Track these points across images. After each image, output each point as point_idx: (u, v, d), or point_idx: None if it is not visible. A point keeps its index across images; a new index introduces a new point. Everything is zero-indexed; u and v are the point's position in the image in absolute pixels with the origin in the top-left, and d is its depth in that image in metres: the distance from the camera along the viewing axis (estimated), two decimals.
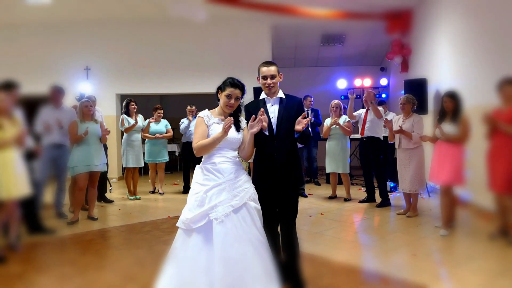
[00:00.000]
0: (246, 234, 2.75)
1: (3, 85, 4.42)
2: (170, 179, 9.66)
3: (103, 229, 5.33)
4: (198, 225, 2.75)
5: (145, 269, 3.79)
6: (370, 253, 4.21)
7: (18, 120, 4.23)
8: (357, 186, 7.97)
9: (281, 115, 3.12)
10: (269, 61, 3.21)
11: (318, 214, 5.96)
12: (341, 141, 6.85)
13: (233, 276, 2.65)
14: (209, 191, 2.79)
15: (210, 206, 2.74)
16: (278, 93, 3.17)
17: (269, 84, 3.10)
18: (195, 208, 2.78)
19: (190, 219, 2.76)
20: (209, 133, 2.90)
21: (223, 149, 2.91)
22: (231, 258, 2.67)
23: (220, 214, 2.72)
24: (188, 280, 2.69)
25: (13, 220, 4.26)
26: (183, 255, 2.76)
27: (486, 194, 4.70)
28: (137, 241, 4.73)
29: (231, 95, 2.92)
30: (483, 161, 4.55)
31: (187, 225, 2.78)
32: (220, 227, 2.70)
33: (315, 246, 4.42)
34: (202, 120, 2.93)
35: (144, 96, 10.55)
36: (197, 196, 2.81)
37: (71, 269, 3.85)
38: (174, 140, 11.61)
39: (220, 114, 2.98)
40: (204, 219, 2.74)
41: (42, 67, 8.89)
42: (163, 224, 5.47)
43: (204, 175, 2.87)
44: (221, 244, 2.67)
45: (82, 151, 5.47)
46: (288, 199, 3.11)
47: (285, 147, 3.09)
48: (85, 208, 5.97)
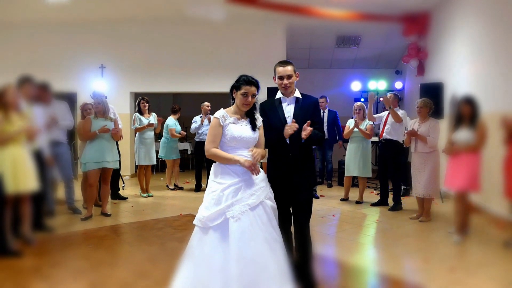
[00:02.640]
0: (262, 233, 2.75)
1: (21, 80, 4.45)
2: (182, 178, 9.71)
3: (116, 225, 5.39)
4: (214, 223, 2.75)
5: (157, 266, 3.82)
6: (382, 257, 4.19)
7: (27, 114, 4.26)
8: (369, 189, 7.93)
9: (296, 115, 3.11)
10: (285, 61, 3.20)
11: (330, 215, 5.95)
12: (362, 144, 6.81)
13: (248, 275, 2.65)
14: (226, 189, 2.79)
15: (227, 205, 2.75)
16: (294, 93, 3.16)
17: (286, 84, 3.10)
18: (212, 206, 2.78)
19: (206, 217, 2.76)
20: (224, 132, 2.88)
21: (239, 148, 2.90)
22: (247, 256, 2.67)
23: (237, 212, 2.73)
24: (204, 278, 2.70)
25: (26, 215, 4.32)
26: (199, 253, 2.76)
27: (501, 201, 4.64)
28: (150, 238, 4.76)
29: (247, 93, 2.88)
30: (499, 168, 4.49)
31: (204, 223, 2.77)
32: (236, 225, 2.70)
33: (326, 248, 4.41)
34: (218, 121, 2.89)
35: (157, 95, 10.62)
36: (214, 194, 2.81)
37: (85, 264, 3.90)
38: (187, 138, 11.68)
39: (235, 113, 2.96)
40: (220, 217, 2.74)
41: (58, 65, 9.01)
42: (175, 222, 5.50)
43: (221, 173, 2.87)
44: (237, 242, 2.67)
45: (94, 147, 5.53)
46: (301, 199, 3.10)
47: (299, 147, 3.08)
48: (99, 205, 6.04)
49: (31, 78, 4.61)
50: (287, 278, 2.79)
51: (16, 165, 4.02)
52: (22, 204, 4.25)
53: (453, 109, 6.13)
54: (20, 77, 4.51)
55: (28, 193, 4.21)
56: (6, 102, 4.03)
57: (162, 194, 7.59)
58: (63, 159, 5.54)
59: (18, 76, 4.52)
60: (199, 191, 7.77)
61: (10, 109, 4.05)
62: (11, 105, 4.06)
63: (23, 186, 4.09)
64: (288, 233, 3.16)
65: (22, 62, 8.50)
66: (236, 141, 2.89)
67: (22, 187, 4.08)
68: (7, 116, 4.02)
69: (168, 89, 10.03)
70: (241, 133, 2.88)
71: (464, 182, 4.58)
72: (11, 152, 4.02)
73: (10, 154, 4.01)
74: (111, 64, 9.43)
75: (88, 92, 7.75)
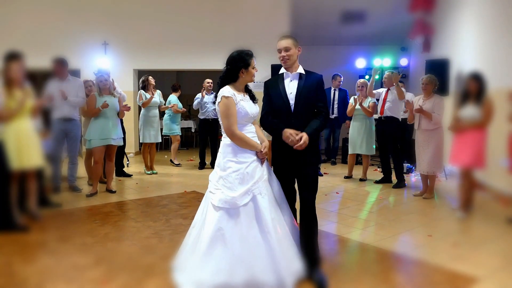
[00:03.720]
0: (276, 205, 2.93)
1: (9, 56, 4.19)
2: (186, 155, 9.75)
3: (121, 201, 5.43)
4: (244, 202, 2.77)
5: (162, 241, 3.87)
6: (385, 233, 4.21)
7: (30, 91, 4.25)
8: (373, 167, 7.93)
9: (299, 91, 3.05)
10: (285, 35, 3.15)
11: (333, 193, 5.97)
12: (365, 122, 6.79)
13: (286, 246, 2.82)
14: (248, 167, 2.83)
15: (254, 182, 2.81)
16: (298, 69, 3.10)
17: (283, 56, 3.03)
18: (238, 186, 2.79)
19: (237, 197, 2.77)
20: (237, 110, 2.87)
21: (248, 124, 2.95)
22: (276, 228, 2.80)
23: (263, 188, 2.83)
24: (245, 256, 2.72)
25: (31, 190, 4.36)
26: (231, 233, 2.75)
27: (505, 178, 4.63)
28: (154, 214, 4.81)
29: (254, 66, 2.94)
30: (504, 145, 4.47)
31: (232, 204, 2.77)
32: (264, 199, 2.81)
33: (330, 224, 4.44)
34: (233, 100, 2.84)
35: (161, 72, 10.56)
36: (236, 174, 2.81)
37: (91, 239, 3.95)
38: (191, 116, 11.67)
39: (239, 90, 2.95)
40: (249, 195, 2.79)
41: (61, 42, 8.92)
42: (179, 199, 5.54)
43: (239, 153, 2.86)
44: (269, 214, 2.78)
45: (99, 124, 5.53)
46: (306, 174, 3.08)
47: (302, 124, 3.03)
48: (103, 181, 6.08)
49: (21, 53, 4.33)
50: None
51: (20, 141, 4.04)
52: (28, 180, 4.29)
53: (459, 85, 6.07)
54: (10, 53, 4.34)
55: (33, 169, 4.23)
56: (10, 78, 4.02)
57: (166, 172, 7.63)
58: (73, 135, 5.61)
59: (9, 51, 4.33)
60: (203, 168, 7.80)
61: (14, 85, 4.04)
62: (15, 81, 4.05)
63: (28, 162, 4.11)
64: (293, 209, 3.17)
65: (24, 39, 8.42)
66: (246, 117, 2.92)
67: (27, 163, 4.10)
68: (11, 92, 4.01)
69: (172, 66, 9.96)
70: (252, 109, 2.94)
71: (469, 158, 4.56)
72: (16, 128, 4.03)
73: (15, 130, 4.02)
74: (114, 41, 9.35)
75: (91, 69, 7.73)
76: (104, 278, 3.09)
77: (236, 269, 2.71)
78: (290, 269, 2.79)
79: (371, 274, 3.25)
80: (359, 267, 3.43)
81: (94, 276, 3.12)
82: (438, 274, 3.20)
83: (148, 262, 3.39)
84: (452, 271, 3.25)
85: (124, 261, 3.41)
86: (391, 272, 3.35)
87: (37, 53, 5.60)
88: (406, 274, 3.30)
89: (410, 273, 3.32)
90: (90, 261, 3.40)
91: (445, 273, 3.22)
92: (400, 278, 3.23)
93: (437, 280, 3.10)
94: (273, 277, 2.72)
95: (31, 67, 4.52)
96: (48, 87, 5.40)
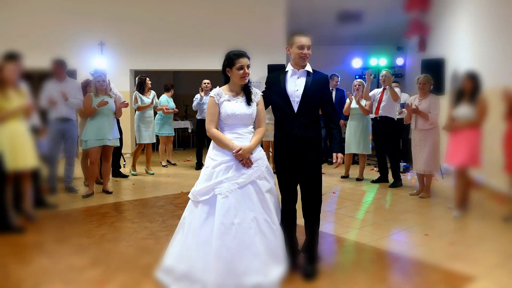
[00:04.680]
0: (250, 212, 2.79)
1: (7, 56, 4.31)
2: (183, 156, 9.74)
3: (117, 202, 5.42)
4: (203, 198, 2.83)
5: (159, 242, 3.86)
6: (382, 232, 4.22)
7: (24, 91, 4.22)
8: (370, 166, 7.94)
9: (307, 89, 3.03)
10: (304, 32, 3.11)
11: (330, 192, 5.97)
12: (362, 122, 6.80)
13: (229, 250, 2.70)
14: (217, 166, 2.85)
15: (216, 181, 2.80)
16: (306, 67, 3.10)
17: (305, 54, 3.01)
18: (203, 181, 2.86)
19: (197, 191, 2.87)
20: (220, 111, 2.89)
21: (235, 125, 2.92)
22: (230, 233, 2.71)
23: (225, 190, 2.78)
24: (190, 249, 2.81)
25: (26, 191, 4.33)
26: (188, 224, 2.89)
27: (501, 176, 4.65)
28: (151, 215, 4.80)
29: (242, 65, 2.88)
30: (499, 144, 4.49)
31: (194, 197, 2.89)
32: (222, 201, 2.76)
33: (327, 224, 4.44)
34: (213, 100, 2.92)
35: (158, 72, 10.54)
36: (206, 170, 2.89)
37: (87, 240, 3.94)
38: (187, 116, 11.65)
39: (231, 90, 2.96)
40: (209, 193, 2.82)
41: (57, 42, 8.90)
42: (176, 199, 5.53)
43: (215, 150, 2.92)
44: (221, 218, 2.73)
45: (95, 125, 5.51)
46: (308, 175, 3.08)
47: (306, 123, 3.03)
48: (100, 182, 6.06)
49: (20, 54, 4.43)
50: (277, 259, 2.86)
51: (14, 143, 4.00)
52: (23, 181, 4.27)
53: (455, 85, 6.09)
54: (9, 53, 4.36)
55: (28, 170, 4.21)
56: (3, 78, 3.99)
57: (162, 172, 7.61)
58: (70, 135, 5.61)
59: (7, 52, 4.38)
60: (200, 169, 7.73)
61: (8, 86, 4.02)
62: (8, 82, 4.02)
63: (22, 163, 4.08)
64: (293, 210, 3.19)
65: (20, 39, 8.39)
66: (230, 118, 2.90)
67: (21, 164, 4.07)
68: (5, 93, 3.98)
69: (169, 66, 9.94)
70: (234, 110, 2.88)
71: (464, 158, 4.58)
72: (9, 129, 4.00)
73: (8, 131, 3.99)
74: (110, 41, 9.34)
75: (87, 69, 7.69)
76: (100, 279, 3.08)
77: (181, 259, 2.83)
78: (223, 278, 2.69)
79: (368, 273, 3.25)
80: (356, 266, 3.43)
81: (91, 277, 3.11)
82: (434, 273, 3.21)
83: (144, 262, 3.38)
84: (449, 269, 3.26)
85: (120, 262, 3.40)
86: (388, 271, 3.36)
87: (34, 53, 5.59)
88: (403, 273, 3.31)
89: (407, 272, 3.32)
90: (87, 262, 3.38)
91: (441, 272, 3.23)
92: (397, 277, 3.24)
93: (434, 279, 3.11)
94: (210, 278, 2.69)
95: (27, 67, 4.53)
96: (46, 88, 5.39)
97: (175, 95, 8.49)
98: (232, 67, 2.89)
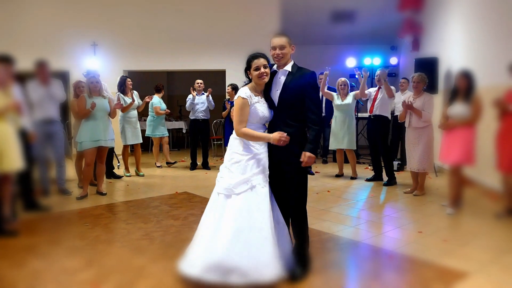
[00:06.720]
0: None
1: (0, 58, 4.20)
2: (177, 156, 9.71)
3: (111, 203, 5.40)
4: (240, 190, 2.90)
5: (153, 243, 3.85)
6: (376, 230, 4.23)
7: (11, 92, 4.12)
8: (364, 165, 7.96)
9: (284, 88, 3.04)
10: (280, 33, 3.19)
11: (324, 191, 5.98)
12: (346, 117, 6.87)
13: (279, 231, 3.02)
14: (250, 160, 2.96)
15: (253, 173, 2.93)
16: (286, 66, 3.08)
17: (278, 54, 3.04)
18: (238, 175, 2.93)
19: (233, 184, 2.91)
20: (250, 111, 2.98)
21: (256, 124, 3.05)
22: (276, 218, 3.01)
23: (262, 180, 2.95)
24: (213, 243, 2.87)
25: (6, 195, 4.15)
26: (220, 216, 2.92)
27: (493, 174, 4.68)
28: (145, 216, 4.78)
29: (258, 66, 2.97)
30: (492, 142, 4.51)
31: (230, 190, 2.92)
32: (264, 190, 2.93)
33: (321, 222, 4.45)
34: (246, 102, 2.98)
35: (151, 73, 10.52)
36: (239, 164, 2.96)
37: (81, 242, 3.92)
38: (182, 117, 11.63)
39: (256, 91, 3.06)
40: (246, 185, 2.91)
41: (49, 43, 8.86)
42: (170, 200, 5.52)
43: (244, 146, 3.00)
44: (268, 205, 2.91)
45: (90, 126, 5.48)
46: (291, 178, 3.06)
47: (285, 121, 3.02)
48: (94, 184, 6.04)
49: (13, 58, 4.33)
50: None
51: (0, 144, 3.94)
52: (4, 184, 4.11)
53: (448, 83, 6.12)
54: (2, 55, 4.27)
55: (13, 172, 4.12)
56: None
57: (156, 173, 7.60)
58: (56, 137, 5.45)
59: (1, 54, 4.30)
60: (195, 169, 7.78)
61: None
62: None
63: (7, 165, 3.99)
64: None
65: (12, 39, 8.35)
66: (261, 119, 3.04)
67: (6, 166, 3.99)
68: None
69: (162, 67, 9.93)
70: (264, 113, 3.03)
71: (459, 156, 4.60)
72: None
73: None
74: (103, 42, 9.30)
75: (80, 70, 7.64)
76: (95, 281, 3.06)
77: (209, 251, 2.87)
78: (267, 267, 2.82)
79: (362, 271, 3.26)
80: (351, 264, 3.44)
81: (85, 279, 3.09)
82: (428, 270, 3.22)
83: (139, 263, 3.37)
84: (443, 266, 3.28)
85: (115, 263, 3.39)
86: (382, 269, 3.37)
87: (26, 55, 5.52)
88: (397, 271, 3.32)
89: (400, 269, 3.33)
90: (81, 264, 3.37)
91: (435, 268, 3.24)
92: (391, 274, 3.24)
93: (428, 276, 3.12)
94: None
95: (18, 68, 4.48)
96: (30, 90, 5.09)
97: (169, 96, 8.48)
98: (250, 68, 3.03)
